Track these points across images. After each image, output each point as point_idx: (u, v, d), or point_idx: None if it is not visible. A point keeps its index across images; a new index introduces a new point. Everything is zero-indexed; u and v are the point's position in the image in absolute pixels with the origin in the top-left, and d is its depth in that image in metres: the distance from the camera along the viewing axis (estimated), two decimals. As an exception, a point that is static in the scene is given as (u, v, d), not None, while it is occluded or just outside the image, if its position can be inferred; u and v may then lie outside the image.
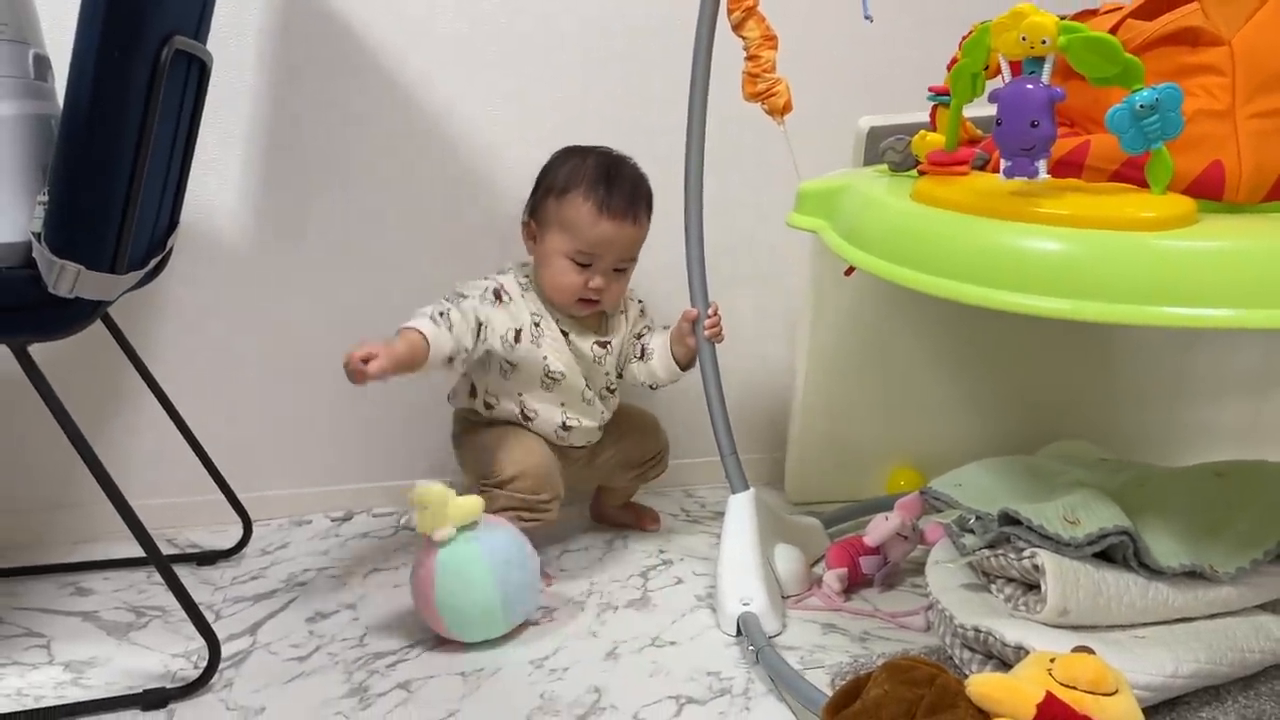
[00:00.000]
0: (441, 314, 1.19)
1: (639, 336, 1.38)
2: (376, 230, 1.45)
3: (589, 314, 1.31)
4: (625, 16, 1.46)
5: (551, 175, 1.28)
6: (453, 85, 1.43)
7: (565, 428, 1.32)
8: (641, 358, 1.37)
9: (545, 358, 1.29)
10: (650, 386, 1.38)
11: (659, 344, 1.36)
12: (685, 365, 1.34)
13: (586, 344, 1.32)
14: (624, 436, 1.40)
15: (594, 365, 1.33)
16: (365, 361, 1.09)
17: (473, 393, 1.33)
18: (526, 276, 1.31)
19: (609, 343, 1.34)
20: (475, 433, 1.33)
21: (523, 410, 1.30)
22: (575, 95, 1.47)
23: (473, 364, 1.28)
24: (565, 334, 1.30)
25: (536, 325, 1.28)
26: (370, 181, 1.44)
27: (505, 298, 1.27)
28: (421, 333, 1.15)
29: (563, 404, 1.31)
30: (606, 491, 1.50)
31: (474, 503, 1.14)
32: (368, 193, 1.44)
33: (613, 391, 1.37)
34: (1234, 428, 1.56)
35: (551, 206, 1.26)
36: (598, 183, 1.25)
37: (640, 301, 1.40)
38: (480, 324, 1.23)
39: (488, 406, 1.31)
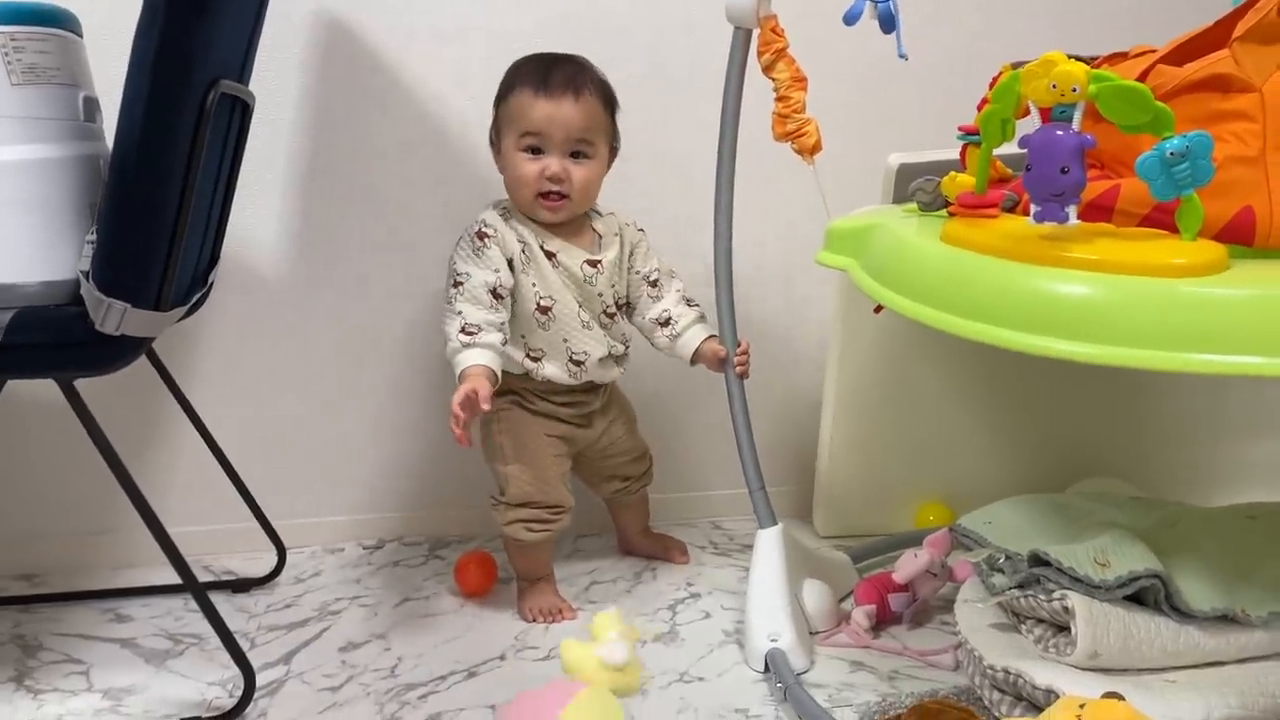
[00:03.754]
0: (467, 327, 1.20)
1: (652, 282, 1.35)
2: (412, 262, 1.47)
3: (561, 211, 1.27)
4: (656, 49, 1.48)
5: (499, 90, 1.29)
6: (487, 122, 1.45)
7: (575, 362, 1.30)
8: (666, 325, 1.34)
9: (534, 284, 1.27)
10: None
11: (690, 336, 1.33)
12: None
13: (576, 263, 1.29)
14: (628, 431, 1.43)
15: (585, 285, 1.30)
16: (469, 402, 1.13)
17: None
18: (505, 208, 1.30)
19: (599, 261, 1.31)
20: (491, 422, 1.32)
21: (529, 352, 1.29)
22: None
23: None
24: (551, 255, 1.28)
25: (523, 251, 1.27)
26: (405, 213, 1.47)
27: (490, 230, 1.26)
28: (481, 365, 1.18)
29: (565, 339, 1.29)
30: (623, 517, 1.50)
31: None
32: (402, 224, 1.47)
33: (612, 317, 1.34)
34: (1266, 467, 1.54)
35: (502, 114, 1.28)
36: (535, 71, 1.25)
37: (642, 230, 1.38)
38: (494, 289, 1.23)
39: None
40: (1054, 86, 0.84)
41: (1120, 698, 0.84)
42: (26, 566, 1.43)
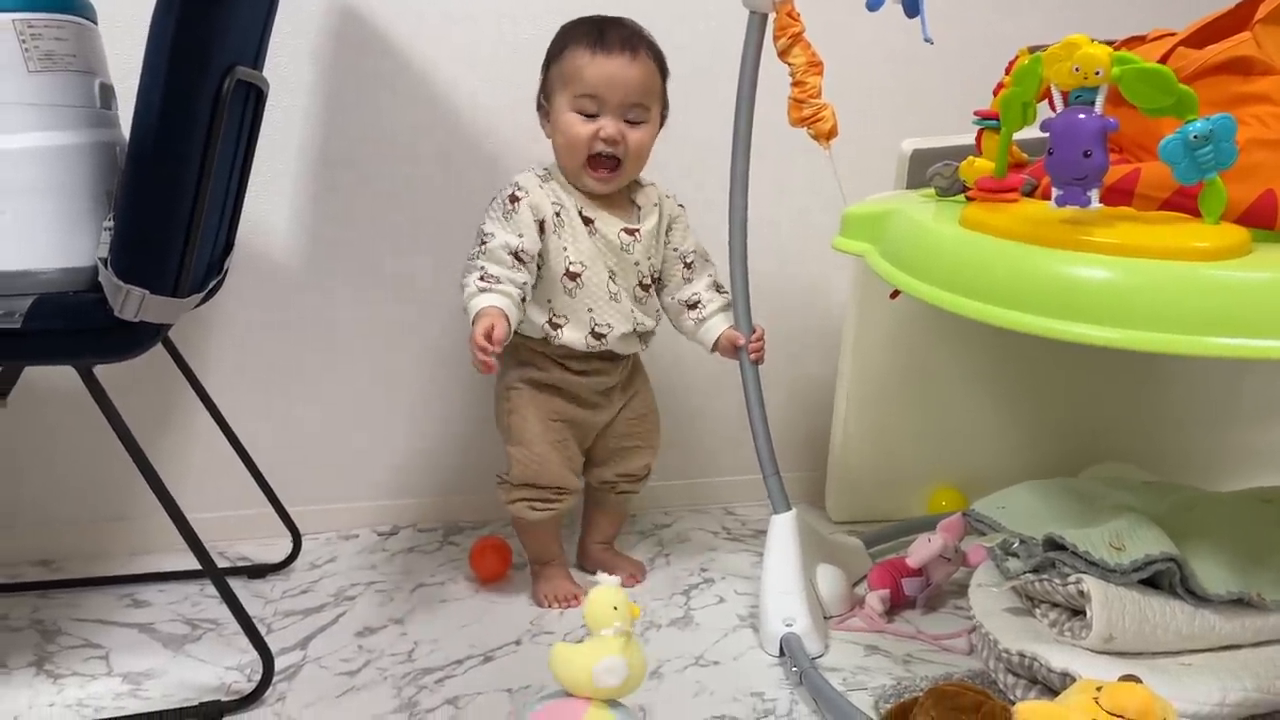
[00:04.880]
0: (486, 277, 1.20)
1: (688, 264, 1.34)
2: (425, 247, 1.47)
3: (611, 182, 1.26)
4: (673, 34, 1.47)
5: (550, 50, 1.28)
6: (498, 105, 1.45)
7: (596, 335, 1.28)
8: (694, 308, 1.33)
9: (565, 249, 1.25)
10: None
11: (714, 324, 1.32)
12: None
13: (613, 230, 1.27)
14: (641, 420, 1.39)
15: (622, 254, 1.28)
16: (489, 337, 1.13)
17: None
18: (545, 169, 1.29)
19: (637, 230, 1.29)
20: (502, 400, 1.32)
21: (551, 318, 1.27)
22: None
23: None
24: (589, 221, 1.27)
25: (558, 215, 1.26)
26: (417, 196, 1.46)
27: (522, 193, 1.24)
28: (497, 307, 1.17)
29: (590, 309, 1.27)
30: (596, 517, 1.43)
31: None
32: (414, 208, 1.47)
33: (647, 290, 1.32)
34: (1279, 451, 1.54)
35: (553, 75, 1.26)
36: (590, 32, 1.24)
37: (682, 206, 1.36)
38: (516, 252, 1.21)
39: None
40: (1077, 69, 0.84)
41: (1137, 680, 0.84)
42: (44, 552, 1.43)
